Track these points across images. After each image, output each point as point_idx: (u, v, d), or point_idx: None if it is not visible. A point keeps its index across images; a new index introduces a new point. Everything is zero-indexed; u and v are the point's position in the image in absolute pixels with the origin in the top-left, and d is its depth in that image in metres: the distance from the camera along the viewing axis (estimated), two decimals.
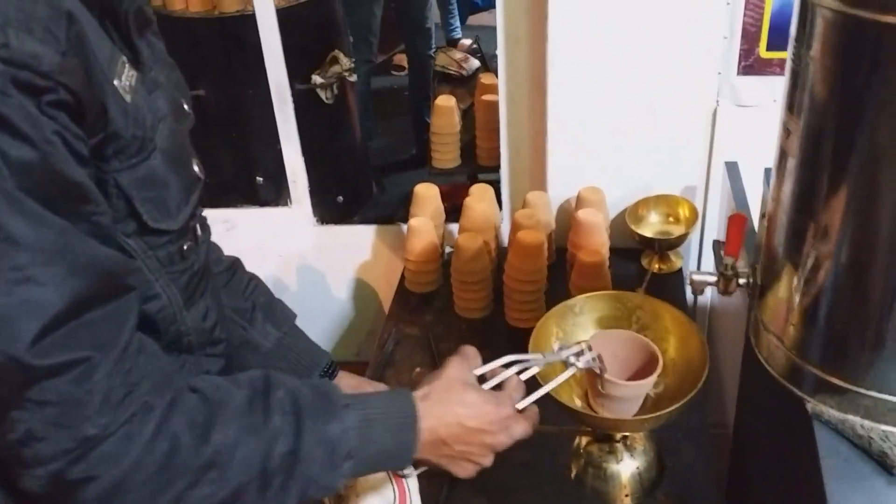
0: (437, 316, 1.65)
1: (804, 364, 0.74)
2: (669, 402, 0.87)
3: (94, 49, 0.61)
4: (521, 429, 0.85)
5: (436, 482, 1.26)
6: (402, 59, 4.08)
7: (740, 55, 1.53)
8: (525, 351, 1.13)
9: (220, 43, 2.18)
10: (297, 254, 2.07)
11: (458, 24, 4.14)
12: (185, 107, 0.81)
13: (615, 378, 0.91)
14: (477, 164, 2.30)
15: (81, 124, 0.60)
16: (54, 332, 0.58)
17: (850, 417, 0.71)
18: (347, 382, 1.02)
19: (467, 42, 3.81)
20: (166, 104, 0.74)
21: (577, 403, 0.99)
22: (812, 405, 0.73)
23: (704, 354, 0.86)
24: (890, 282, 0.65)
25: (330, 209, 2.10)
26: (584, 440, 1.07)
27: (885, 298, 0.66)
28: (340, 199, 2.11)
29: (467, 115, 2.39)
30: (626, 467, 1.04)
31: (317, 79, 2.40)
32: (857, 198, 0.64)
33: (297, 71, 2.09)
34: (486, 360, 1.27)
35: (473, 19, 4.22)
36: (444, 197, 1.92)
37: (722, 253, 0.86)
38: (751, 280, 0.80)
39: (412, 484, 1.25)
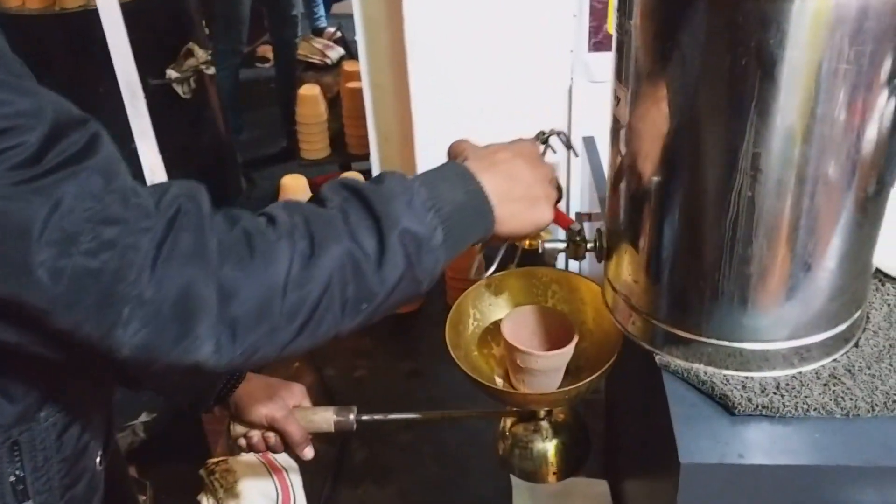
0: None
1: (650, 319, 0.77)
2: (590, 374, 0.88)
3: None
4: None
5: (320, 474, 1.26)
6: (266, 50, 3.99)
7: (590, 32, 1.59)
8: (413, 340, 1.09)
9: (63, 40, 2.06)
10: None
11: (322, 12, 4.09)
12: None
13: (530, 348, 0.91)
14: (348, 153, 2.29)
15: None
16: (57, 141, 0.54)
17: (695, 365, 0.75)
18: (258, 384, 0.99)
19: (332, 30, 3.77)
20: None
21: (499, 383, 0.99)
22: (660, 357, 0.77)
23: None
24: (719, 236, 0.69)
25: None
26: (510, 421, 1.07)
27: (717, 252, 0.70)
28: None
29: (335, 105, 2.36)
30: (552, 445, 1.04)
31: (171, 73, 2.31)
32: (682, 158, 0.68)
33: (150, 65, 2.01)
34: (372, 345, 1.24)
35: (338, 7, 4.17)
36: (317, 188, 1.90)
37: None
38: (597, 244, 0.83)
39: (295, 478, 1.23)
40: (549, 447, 1.05)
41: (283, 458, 1.27)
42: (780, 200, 0.65)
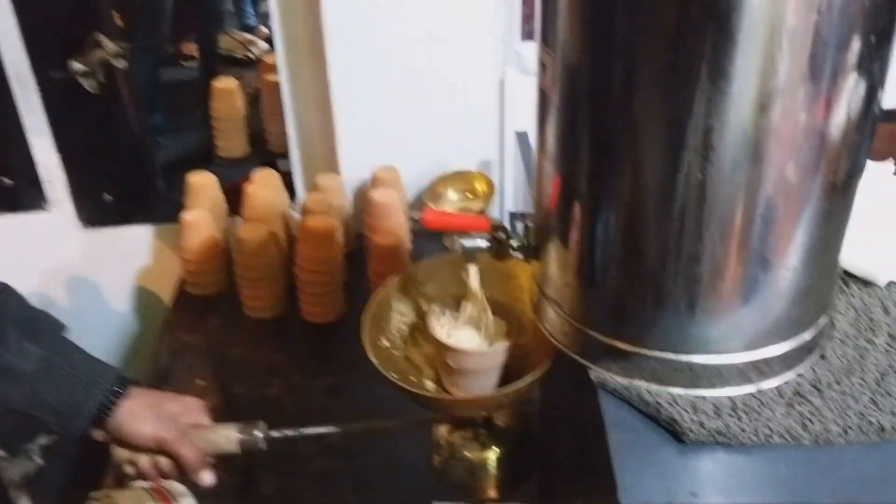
0: (224, 319, 1.48)
1: (584, 328, 0.66)
2: (532, 368, 0.75)
3: None
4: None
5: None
6: (192, 48, 3.80)
7: (523, 19, 1.48)
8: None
9: None
10: (64, 263, 1.81)
11: (251, 9, 3.91)
12: None
13: (462, 346, 0.79)
14: (269, 152, 2.14)
15: None
16: None
17: (636, 382, 0.64)
18: (143, 401, 0.86)
19: (263, 28, 3.60)
20: None
21: (430, 387, 0.86)
22: (596, 373, 0.66)
23: None
24: (664, 230, 0.58)
25: (99, 210, 1.86)
26: (445, 429, 0.95)
27: (661, 249, 0.59)
28: (108, 197, 1.87)
29: (258, 101, 2.22)
30: (494, 454, 0.93)
31: (76, 65, 2.13)
32: (621, 136, 0.57)
33: (49, 56, 1.83)
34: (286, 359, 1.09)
35: (265, 6, 4.01)
36: (234, 190, 1.76)
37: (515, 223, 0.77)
38: (524, 241, 0.72)
39: None
40: (490, 457, 0.94)
41: (177, 488, 1.12)
42: (737, 185, 0.54)
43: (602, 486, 0.61)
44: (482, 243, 0.72)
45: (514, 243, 0.72)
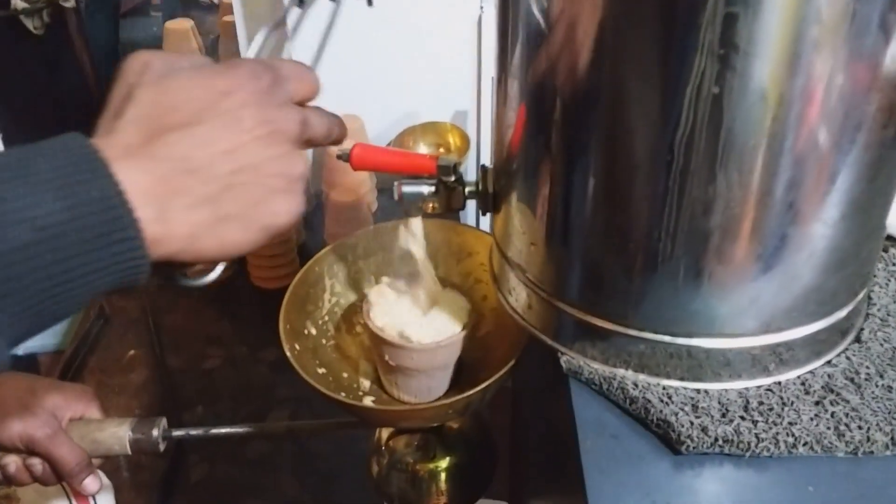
0: (163, 283, 1.33)
1: (553, 301, 0.51)
2: (492, 371, 0.60)
3: None
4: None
5: (144, 496, 0.97)
6: None
7: None
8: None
9: None
10: None
11: None
12: None
13: (401, 340, 0.63)
14: None
15: None
16: None
17: (620, 372, 0.49)
18: (12, 389, 0.70)
19: None
20: None
21: (365, 386, 0.71)
22: (568, 359, 0.51)
23: None
24: (663, 168, 0.43)
25: None
26: (386, 433, 0.81)
27: (657, 195, 0.44)
28: None
29: (217, 49, 2.06)
30: (444, 465, 0.79)
31: (18, 3, 1.96)
32: (607, 36, 0.41)
33: None
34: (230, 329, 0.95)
35: None
36: None
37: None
38: (481, 187, 0.56)
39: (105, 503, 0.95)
40: (438, 468, 0.80)
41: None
42: (766, 102, 0.39)
43: None
44: (426, 189, 0.57)
45: (468, 189, 0.56)
